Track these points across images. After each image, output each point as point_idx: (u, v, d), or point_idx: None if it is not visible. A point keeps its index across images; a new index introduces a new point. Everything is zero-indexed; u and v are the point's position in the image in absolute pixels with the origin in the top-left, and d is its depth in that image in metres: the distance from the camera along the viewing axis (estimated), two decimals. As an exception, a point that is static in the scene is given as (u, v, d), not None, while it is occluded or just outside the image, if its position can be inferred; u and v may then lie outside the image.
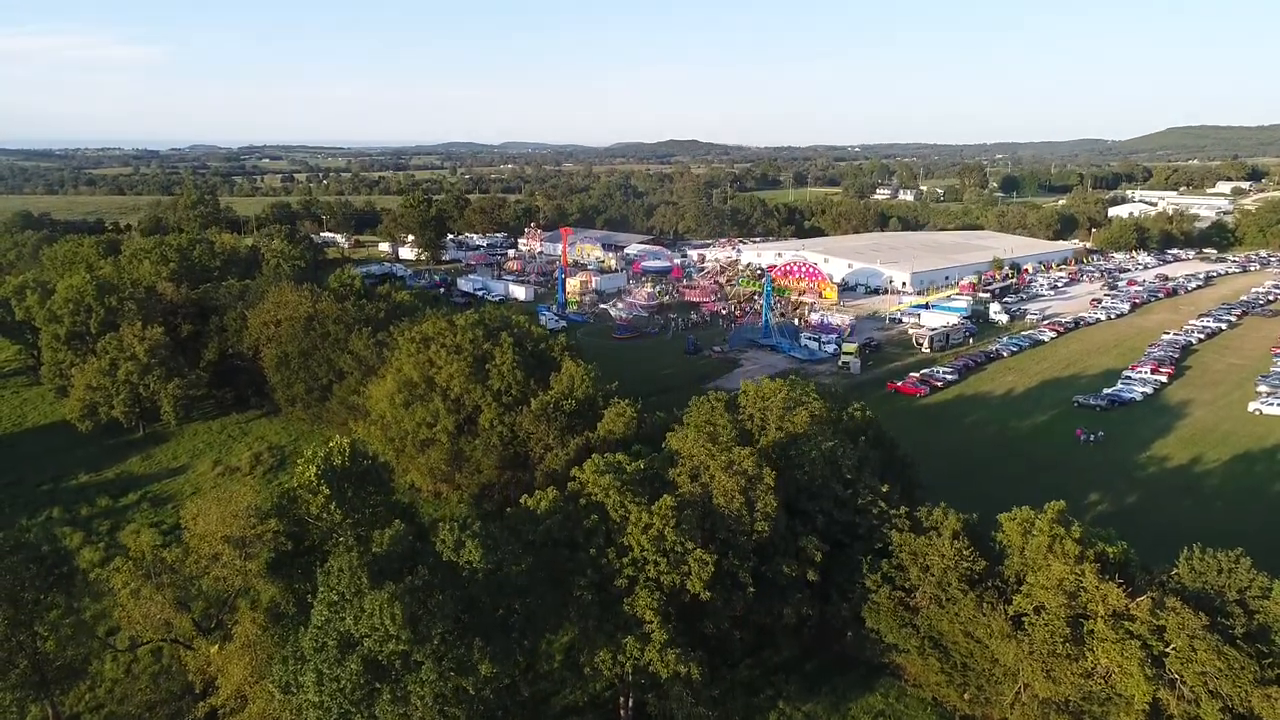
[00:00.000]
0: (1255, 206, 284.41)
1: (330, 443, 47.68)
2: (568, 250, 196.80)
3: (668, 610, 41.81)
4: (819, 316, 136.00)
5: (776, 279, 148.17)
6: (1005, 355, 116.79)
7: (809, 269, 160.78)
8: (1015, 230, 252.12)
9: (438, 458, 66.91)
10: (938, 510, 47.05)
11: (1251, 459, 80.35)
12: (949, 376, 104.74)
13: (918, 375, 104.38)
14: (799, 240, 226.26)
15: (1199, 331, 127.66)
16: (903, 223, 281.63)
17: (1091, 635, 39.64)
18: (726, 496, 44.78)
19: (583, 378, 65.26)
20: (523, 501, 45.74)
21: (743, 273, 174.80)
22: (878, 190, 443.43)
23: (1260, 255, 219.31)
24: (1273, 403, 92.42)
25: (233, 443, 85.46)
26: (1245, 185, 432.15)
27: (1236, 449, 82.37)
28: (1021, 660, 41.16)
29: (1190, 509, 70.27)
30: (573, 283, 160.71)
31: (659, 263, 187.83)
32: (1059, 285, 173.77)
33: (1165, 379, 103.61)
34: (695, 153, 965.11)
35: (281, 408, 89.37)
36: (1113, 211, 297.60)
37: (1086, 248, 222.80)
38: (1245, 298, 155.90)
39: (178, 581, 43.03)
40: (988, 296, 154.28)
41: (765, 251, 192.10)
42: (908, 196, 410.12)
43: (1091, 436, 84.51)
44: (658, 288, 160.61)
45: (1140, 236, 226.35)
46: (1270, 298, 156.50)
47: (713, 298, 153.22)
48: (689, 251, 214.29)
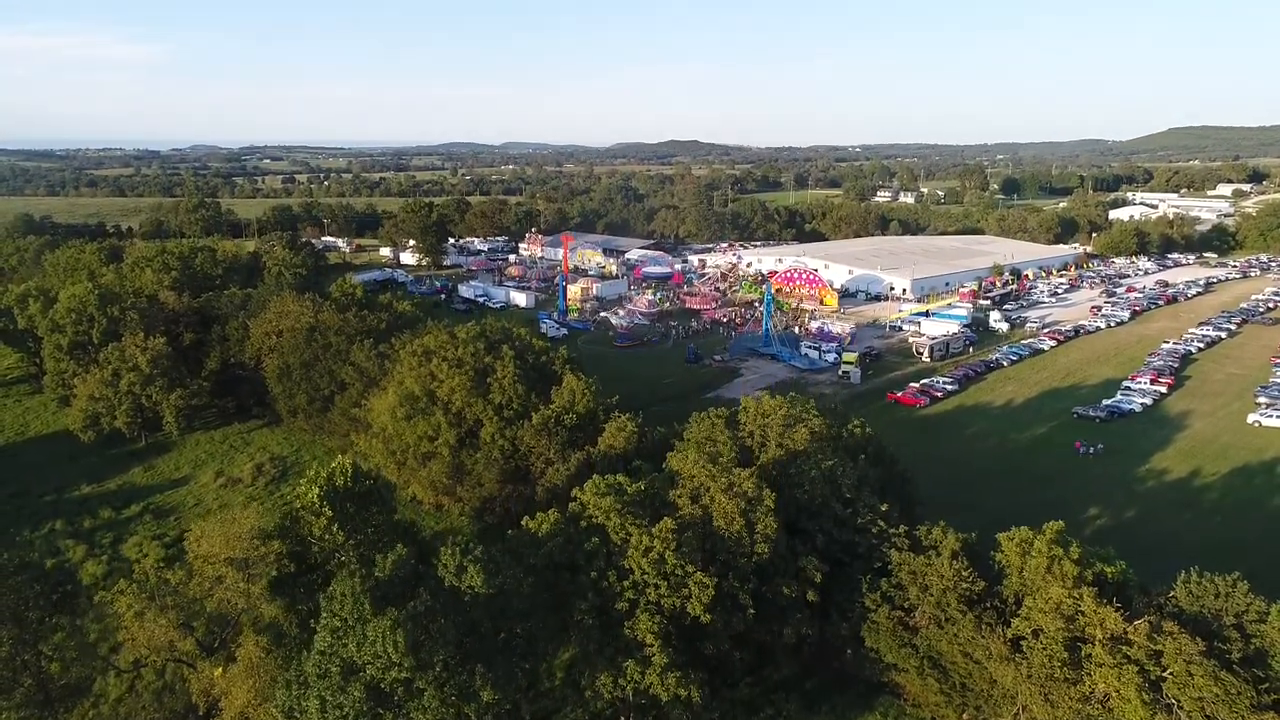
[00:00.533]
0: (1256, 209, 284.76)
1: (333, 463, 47.98)
2: (568, 256, 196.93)
3: (668, 632, 42.07)
4: (819, 324, 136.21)
5: (777, 285, 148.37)
6: (1005, 364, 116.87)
7: (809, 276, 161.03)
8: (1016, 234, 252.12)
9: (439, 471, 67.29)
10: (937, 529, 47.35)
11: (1250, 472, 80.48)
12: (949, 386, 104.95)
13: (918, 385, 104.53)
14: (799, 245, 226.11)
15: (1199, 340, 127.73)
16: (903, 226, 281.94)
17: (1089, 660, 39.83)
18: (727, 519, 45.03)
19: (584, 391, 65.60)
20: (524, 523, 46.07)
21: (744, 276, 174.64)
22: (879, 192, 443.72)
23: (1260, 259, 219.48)
24: (1272, 414, 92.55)
25: (235, 453, 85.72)
26: (1246, 187, 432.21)
27: (1235, 462, 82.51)
28: (1020, 683, 41.39)
29: (1190, 522, 70.50)
30: (574, 290, 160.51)
31: (660, 268, 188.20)
32: (1059, 292, 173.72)
33: (1165, 389, 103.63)
34: (696, 153, 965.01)
35: (283, 418, 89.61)
36: (1114, 214, 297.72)
37: (1087, 252, 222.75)
38: (1245, 305, 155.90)
39: (181, 603, 43.36)
40: (988, 304, 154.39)
41: (765, 257, 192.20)
42: (908, 199, 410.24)
43: (1091, 449, 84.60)
44: (659, 295, 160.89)
45: (1141, 241, 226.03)
46: (1270, 305, 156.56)
47: (714, 305, 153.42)
48: (690, 256, 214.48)
